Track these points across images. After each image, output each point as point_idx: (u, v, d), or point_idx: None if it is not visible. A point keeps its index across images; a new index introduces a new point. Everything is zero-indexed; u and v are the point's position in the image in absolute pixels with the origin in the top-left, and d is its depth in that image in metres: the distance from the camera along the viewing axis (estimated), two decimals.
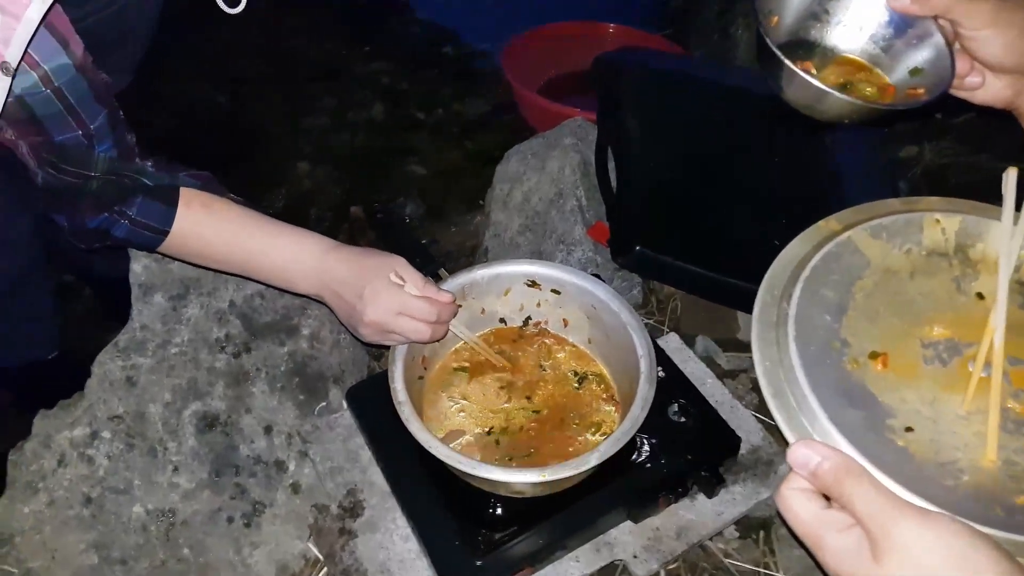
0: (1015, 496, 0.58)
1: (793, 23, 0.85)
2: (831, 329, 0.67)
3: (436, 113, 2.38)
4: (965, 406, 0.64)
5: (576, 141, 1.48)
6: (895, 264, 0.73)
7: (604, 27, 2.35)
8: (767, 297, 0.70)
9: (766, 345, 0.65)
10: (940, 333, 0.70)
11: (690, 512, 1.01)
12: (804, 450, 0.54)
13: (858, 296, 0.70)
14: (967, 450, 0.61)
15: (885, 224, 0.73)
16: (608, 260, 1.37)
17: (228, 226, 0.98)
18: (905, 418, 0.63)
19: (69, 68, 0.82)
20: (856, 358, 0.66)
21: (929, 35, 0.80)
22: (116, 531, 0.99)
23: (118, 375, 1.04)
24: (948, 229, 0.74)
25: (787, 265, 0.72)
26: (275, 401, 1.10)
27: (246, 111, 2.35)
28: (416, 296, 0.95)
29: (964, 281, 0.73)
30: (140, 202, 0.94)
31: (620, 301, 1.00)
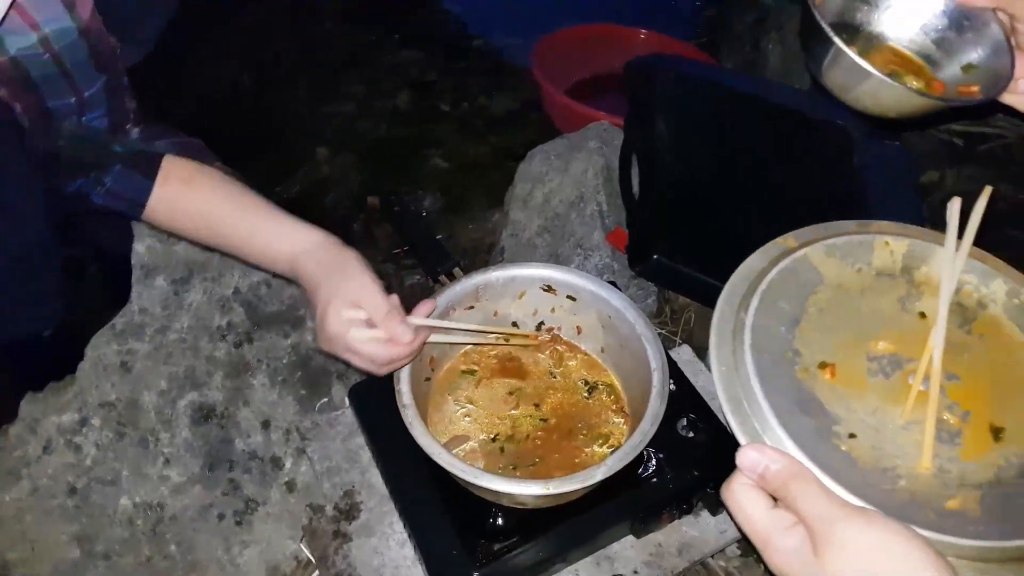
0: (945, 501, 0.62)
1: (840, 3, 0.79)
2: (785, 339, 0.71)
3: (462, 106, 2.35)
4: (904, 416, 0.68)
5: (601, 145, 1.45)
6: (847, 282, 0.77)
7: (635, 32, 2.31)
8: (726, 307, 0.73)
9: (723, 353, 0.69)
10: (885, 348, 0.74)
11: (693, 529, 0.98)
12: (754, 454, 0.56)
13: (811, 310, 0.74)
14: (905, 457, 0.65)
15: (839, 244, 0.78)
16: (625, 267, 1.33)
17: (204, 206, 0.94)
18: (850, 425, 0.67)
19: (71, 31, 0.79)
20: (807, 367, 0.70)
21: (987, 29, 0.74)
22: (101, 524, 0.95)
23: (112, 360, 1.01)
24: (896, 252, 0.79)
25: (746, 277, 0.75)
26: (275, 395, 1.07)
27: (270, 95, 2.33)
28: (367, 337, 0.86)
29: (909, 301, 0.77)
30: (118, 171, 0.91)
31: (636, 311, 0.96)
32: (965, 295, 0.78)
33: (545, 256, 1.40)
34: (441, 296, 0.98)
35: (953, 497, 0.63)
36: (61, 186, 0.92)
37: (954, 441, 0.68)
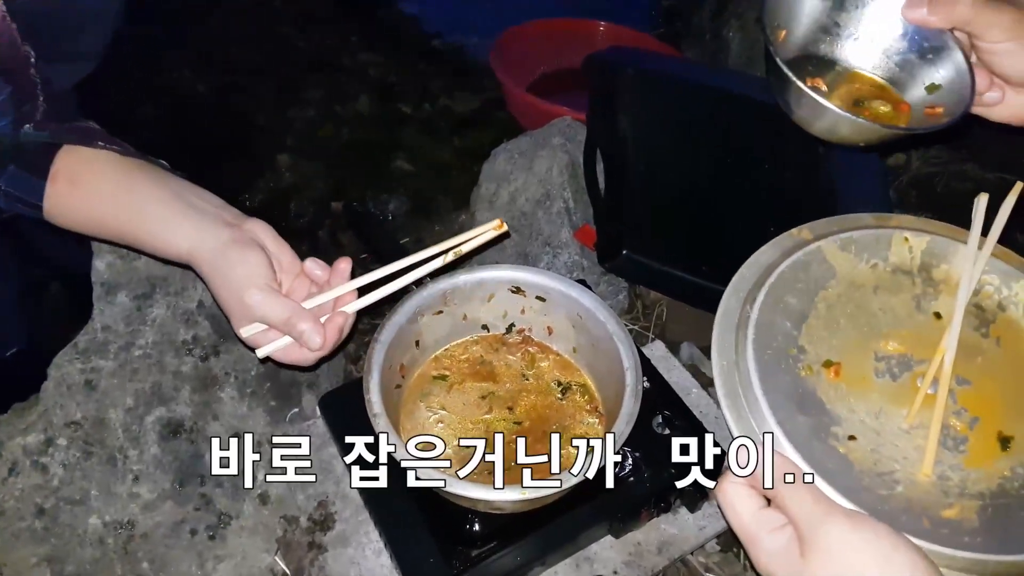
0: (943, 510, 0.60)
1: (802, 37, 0.80)
2: (790, 336, 0.70)
3: (424, 108, 2.33)
4: (909, 420, 0.67)
5: (565, 141, 1.44)
6: (860, 277, 0.75)
7: (595, 24, 2.31)
8: (731, 300, 0.73)
9: (725, 346, 0.68)
10: (895, 348, 0.72)
11: (672, 526, 0.98)
12: (746, 451, 0.57)
13: (820, 306, 0.72)
14: (905, 463, 0.64)
15: (855, 238, 0.76)
16: (594, 264, 1.33)
17: (91, 206, 0.89)
18: (850, 427, 0.65)
19: None
20: (811, 365, 0.69)
21: (947, 49, 0.75)
22: (71, 544, 0.93)
23: (77, 379, 0.99)
24: (915, 248, 0.76)
25: (755, 269, 0.75)
26: (244, 407, 1.05)
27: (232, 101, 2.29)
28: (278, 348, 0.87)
29: (924, 300, 0.75)
30: (12, 171, 0.87)
31: (607, 310, 0.96)
32: (985, 296, 0.74)
33: (514, 256, 1.39)
34: (409, 301, 0.97)
35: (951, 506, 0.61)
36: None
37: (959, 448, 0.65)
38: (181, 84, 2.31)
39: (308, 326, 0.85)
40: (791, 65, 0.76)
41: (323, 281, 0.93)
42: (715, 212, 1.28)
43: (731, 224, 1.26)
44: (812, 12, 0.79)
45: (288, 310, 0.85)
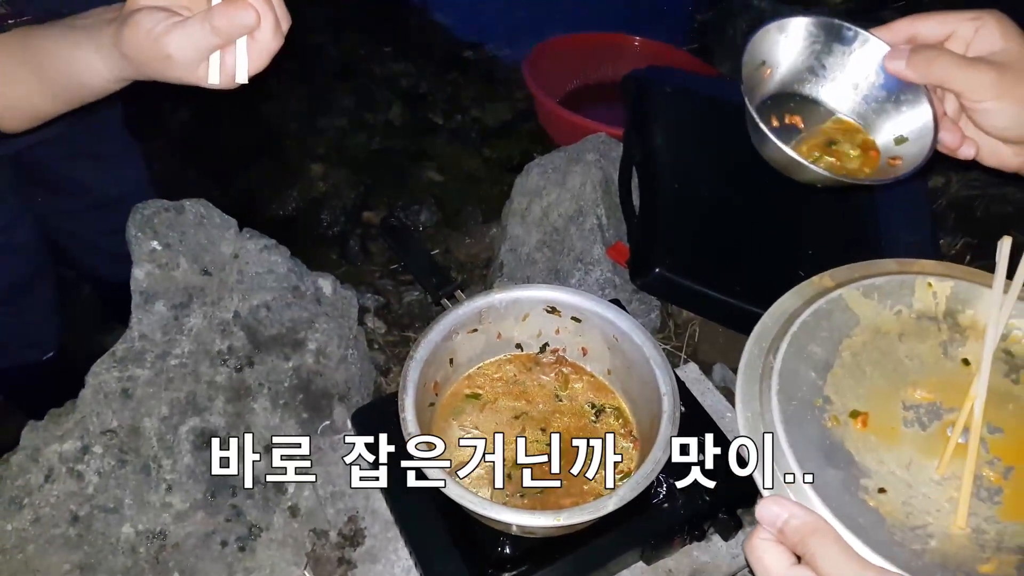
0: (980, 564, 0.58)
1: (788, 75, 0.82)
2: (815, 385, 0.68)
3: (455, 118, 2.35)
4: (940, 471, 0.65)
5: (599, 157, 1.44)
6: (885, 325, 0.73)
7: (629, 40, 2.31)
8: (755, 349, 0.71)
9: (749, 397, 0.67)
10: (923, 396, 0.70)
11: (705, 554, 0.97)
12: (773, 507, 0.55)
13: (845, 354, 0.71)
14: (938, 515, 0.62)
15: (878, 284, 0.75)
16: (626, 282, 1.32)
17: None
18: (880, 479, 0.64)
19: None
20: (837, 416, 0.67)
21: (919, 104, 0.76)
22: (103, 552, 0.94)
23: (113, 386, 0.99)
24: (940, 293, 0.75)
25: (777, 318, 0.73)
26: (277, 419, 1.06)
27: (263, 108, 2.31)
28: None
29: (951, 346, 0.73)
30: None
31: (643, 333, 0.95)
32: (1013, 341, 0.73)
33: (545, 271, 1.39)
34: (445, 319, 0.97)
35: (988, 560, 0.59)
36: None
37: (993, 499, 0.64)
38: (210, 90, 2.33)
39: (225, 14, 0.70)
40: (774, 100, 0.79)
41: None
42: (750, 232, 1.27)
43: (766, 245, 1.25)
44: (799, 52, 0.81)
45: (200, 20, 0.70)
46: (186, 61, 0.72)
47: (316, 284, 1.16)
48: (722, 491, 0.93)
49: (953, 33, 0.72)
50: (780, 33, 0.79)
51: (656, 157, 1.31)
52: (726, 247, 1.28)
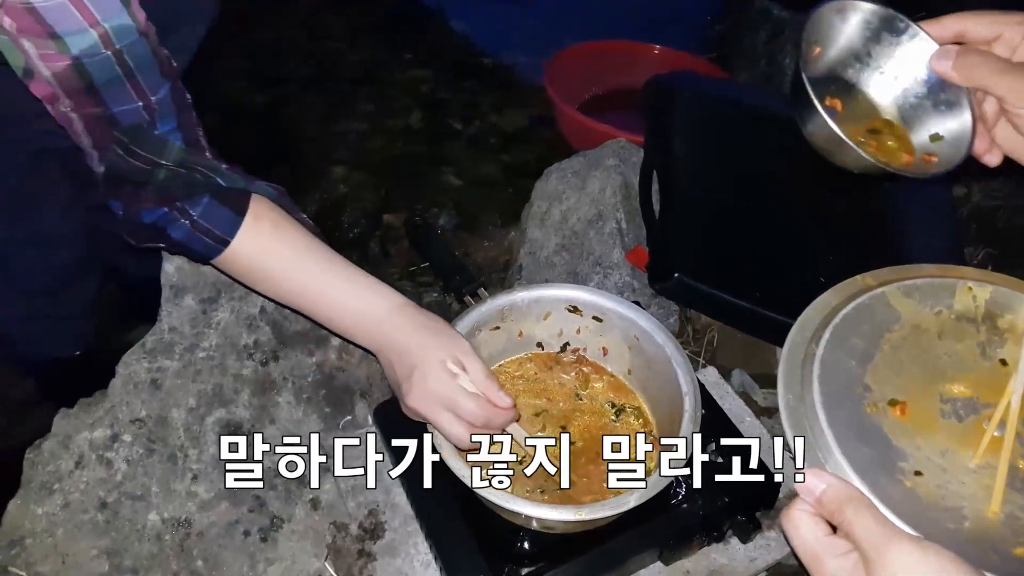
0: (1014, 547, 0.60)
1: (835, 58, 0.82)
2: (855, 374, 0.71)
3: (474, 124, 2.37)
4: (976, 460, 0.67)
5: (618, 162, 1.45)
6: (925, 323, 0.76)
7: (649, 48, 2.33)
8: (797, 337, 0.74)
9: (791, 381, 0.70)
10: (960, 391, 0.72)
11: (723, 556, 0.98)
12: (812, 478, 0.57)
13: (885, 347, 0.73)
14: (972, 500, 0.64)
15: (919, 285, 0.78)
16: (645, 286, 1.33)
17: (292, 255, 0.88)
18: (916, 463, 0.66)
19: (131, 30, 0.74)
20: (876, 403, 0.69)
21: (959, 104, 0.77)
22: (130, 539, 0.96)
23: (143, 377, 1.01)
24: (979, 297, 0.78)
25: (820, 311, 0.76)
26: (300, 413, 1.07)
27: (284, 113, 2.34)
28: (469, 393, 0.84)
29: (989, 347, 0.75)
30: (207, 203, 0.85)
31: (665, 333, 0.96)
32: None
33: (564, 275, 1.40)
34: (468, 316, 0.99)
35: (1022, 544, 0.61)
36: (134, 214, 0.84)
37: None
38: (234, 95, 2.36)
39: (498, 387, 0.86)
40: (818, 82, 0.79)
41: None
42: (770, 238, 1.28)
43: (786, 251, 1.26)
44: (850, 37, 0.81)
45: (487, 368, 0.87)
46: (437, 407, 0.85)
47: None
48: (741, 493, 0.95)
49: (1000, 36, 0.73)
50: (838, 15, 0.79)
51: (677, 162, 1.32)
52: (746, 253, 1.29)
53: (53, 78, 0.74)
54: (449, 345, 0.87)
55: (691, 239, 1.29)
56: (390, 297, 0.90)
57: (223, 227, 0.86)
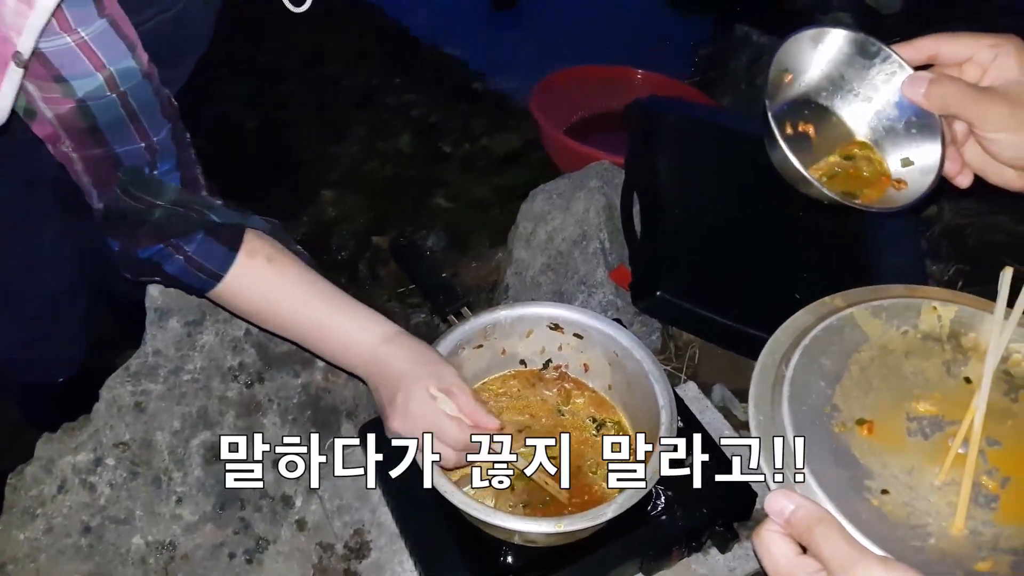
0: (977, 563, 0.61)
1: (809, 84, 0.83)
2: (824, 394, 0.72)
3: (464, 147, 2.39)
4: (941, 477, 0.68)
5: (602, 184, 1.47)
6: (892, 343, 0.77)
7: (633, 72, 2.36)
8: (768, 359, 0.74)
9: (762, 403, 0.70)
10: (926, 409, 0.73)
11: (702, 567, 0.98)
12: (781, 499, 0.58)
13: (853, 368, 0.74)
14: (937, 517, 0.65)
15: (885, 306, 0.79)
16: (628, 304, 1.35)
17: (287, 288, 0.90)
18: (883, 481, 0.67)
19: (136, 72, 0.76)
20: (844, 422, 0.70)
21: (931, 130, 0.77)
22: (114, 563, 0.96)
23: (127, 400, 1.02)
24: (944, 317, 0.79)
25: (791, 332, 0.77)
26: (286, 434, 1.08)
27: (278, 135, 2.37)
28: (450, 416, 0.86)
29: (954, 365, 0.77)
30: (201, 239, 0.86)
31: (643, 349, 0.98)
32: (1014, 363, 0.76)
33: (549, 294, 1.41)
34: (451, 334, 1.00)
35: (985, 560, 0.62)
36: (131, 251, 0.86)
37: (990, 505, 0.67)
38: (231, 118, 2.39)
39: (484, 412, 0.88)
40: (791, 107, 0.80)
41: None
42: (749, 257, 1.29)
43: (765, 269, 1.27)
44: (823, 62, 0.82)
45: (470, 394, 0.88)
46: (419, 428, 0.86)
47: None
48: (719, 504, 0.95)
49: (971, 57, 0.74)
50: (812, 42, 0.80)
51: (658, 182, 1.34)
52: (725, 271, 1.30)
53: (56, 119, 0.75)
54: (436, 373, 0.88)
55: (672, 258, 1.31)
56: (382, 325, 0.92)
57: (217, 263, 0.88)
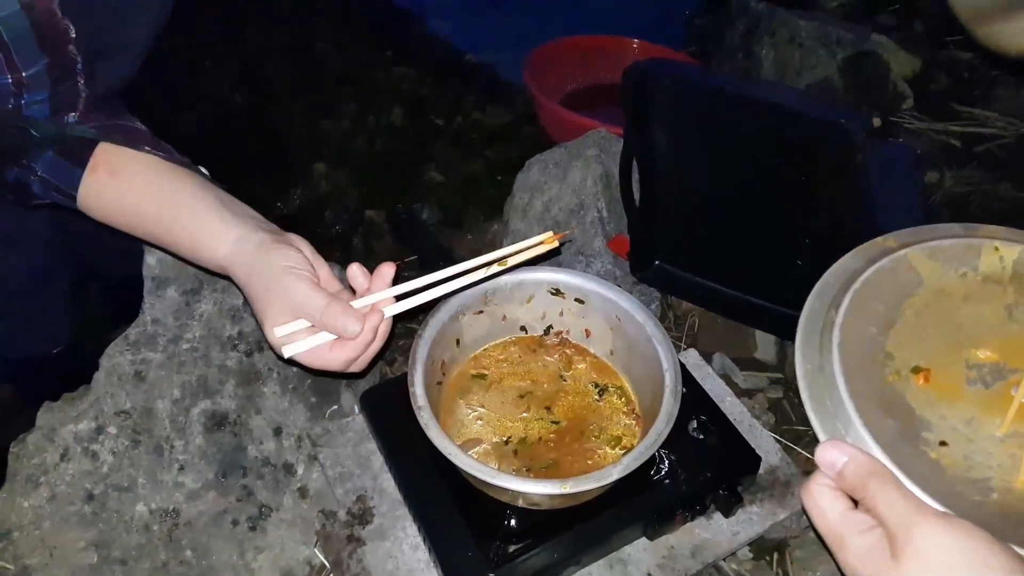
0: None
1: None
2: (876, 341, 0.68)
3: (456, 121, 2.37)
4: (1003, 428, 0.64)
5: (599, 152, 1.46)
6: (949, 286, 0.72)
7: (628, 42, 2.34)
8: (815, 304, 0.70)
9: (809, 350, 0.66)
10: (987, 356, 0.69)
11: (706, 531, 0.99)
12: (832, 450, 0.55)
13: (907, 312, 0.70)
14: (1000, 470, 0.61)
15: (943, 247, 0.73)
16: (627, 274, 1.35)
17: (129, 199, 0.88)
18: (940, 433, 0.63)
19: (11, 2, 0.74)
20: (898, 371, 0.67)
21: None
22: (117, 530, 0.96)
23: (127, 369, 1.01)
24: (1007, 257, 0.74)
25: (839, 276, 0.72)
26: (286, 402, 1.08)
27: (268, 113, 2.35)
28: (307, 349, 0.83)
29: (1017, 309, 0.72)
30: (50, 159, 0.86)
31: (645, 312, 0.98)
32: None
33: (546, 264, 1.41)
34: (451, 300, 0.99)
35: None
36: (2, 173, 0.87)
37: None
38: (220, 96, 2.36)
39: (346, 315, 0.81)
40: None
41: (364, 289, 0.90)
42: (749, 224, 1.29)
43: (765, 236, 1.27)
44: None
45: (327, 298, 0.82)
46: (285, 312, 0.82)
47: None
48: (722, 468, 0.96)
49: None
50: None
51: (656, 150, 1.33)
52: (725, 239, 1.30)
53: None
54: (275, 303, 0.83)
55: (671, 226, 1.30)
56: (224, 240, 0.86)
57: (65, 181, 0.87)
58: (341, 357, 0.84)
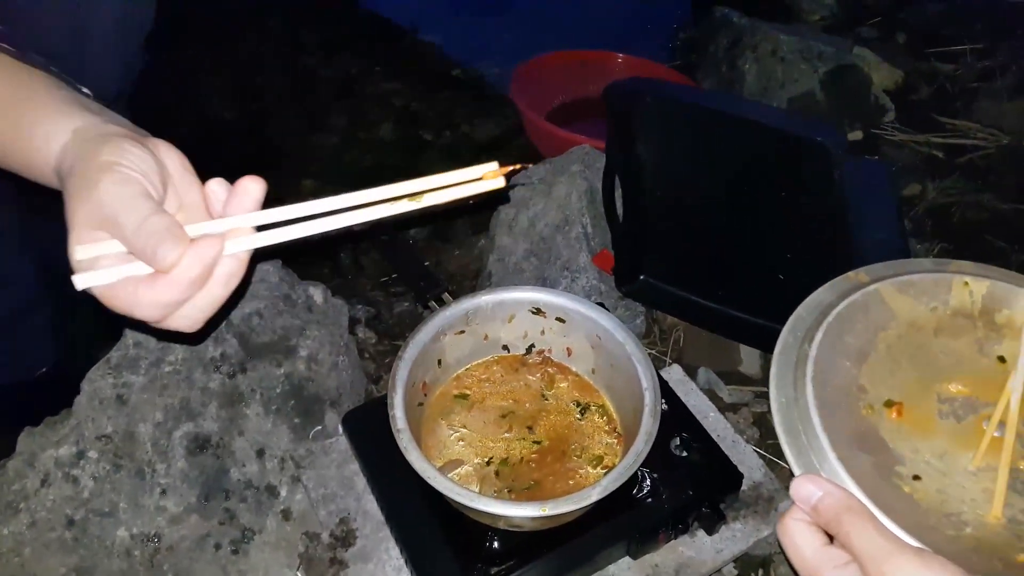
0: (1016, 553, 0.58)
1: None
2: (850, 374, 0.68)
3: (445, 135, 2.37)
4: (975, 462, 0.65)
5: (583, 168, 1.47)
6: (920, 320, 0.73)
7: (613, 56, 2.35)
8: (789, 338, 0.71)
9: (783, 383, 0.66)
10: (958, 390, 0.70)
11: (690, 549, 0.99)
12: (807, 485, 0.55)
13: (880, 346, 0.71)
14: (973, 504, 0.62)
15: (914, 281, 0.74)
16: (612, 288, 1.35)
17: None
18: (914, 467, 0.64)
19: None
20: (871, 404, 0.67)
21: None
22: (99, 555, 0.95)
23: (108, 393, 1.01)
24: (976, 292, 0.75)
25: (812, 309, 0.73)
26: (269, 424, 1.07)
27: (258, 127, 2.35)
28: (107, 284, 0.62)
29: (987, 344, 0.73)
30: None
31: (625, 331, 0.98)
32: None
33: (532, 280, 1.41)
34: (432, 321, 1.00)
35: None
36: None
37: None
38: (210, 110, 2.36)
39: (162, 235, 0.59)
40: None
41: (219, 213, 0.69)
42: (732, 238, 1.29)
43: (748, 250, 1.28)
44: None
45: (150, 210, 0.60)
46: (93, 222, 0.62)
47: (307, 293, 1.18)
48: (705, 486, 0.96)
49: None
50: None
51: (638, 165, 1.34)
52: (709, 253, 1.31)
53: None
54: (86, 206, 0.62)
55: (655, 241, 1.31)
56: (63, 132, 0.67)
57: None
58: (152, 298, 0.60)
